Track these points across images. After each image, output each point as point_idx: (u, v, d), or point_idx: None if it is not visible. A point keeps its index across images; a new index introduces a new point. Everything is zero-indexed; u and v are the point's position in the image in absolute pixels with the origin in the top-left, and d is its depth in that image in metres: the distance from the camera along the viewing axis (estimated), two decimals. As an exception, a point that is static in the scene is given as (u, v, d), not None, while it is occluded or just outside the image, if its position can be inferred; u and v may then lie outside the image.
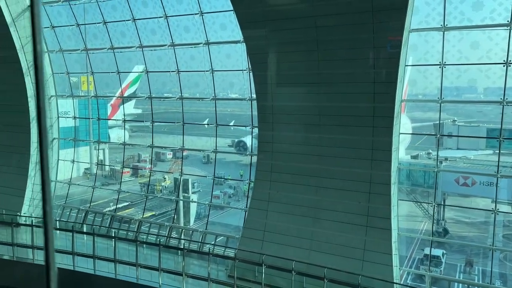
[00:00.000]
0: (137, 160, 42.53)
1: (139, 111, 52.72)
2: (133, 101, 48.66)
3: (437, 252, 21.89)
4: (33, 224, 15.64)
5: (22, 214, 18.75)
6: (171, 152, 45.65)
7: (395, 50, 11.80)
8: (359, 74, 12.54)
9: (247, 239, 14.45)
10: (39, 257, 15.03)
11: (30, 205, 19.53)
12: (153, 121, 17.91)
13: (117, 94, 40.04)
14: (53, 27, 18.93)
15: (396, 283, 12.14)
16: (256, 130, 18.29)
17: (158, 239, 14.55)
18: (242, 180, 18.74)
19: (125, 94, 34.48)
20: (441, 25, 12.20)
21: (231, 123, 36.24)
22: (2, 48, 18.78)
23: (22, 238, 16.51)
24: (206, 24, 15.49)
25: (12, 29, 18.14)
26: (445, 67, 12.56)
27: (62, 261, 14.68)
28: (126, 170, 33.43)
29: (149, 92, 18.01)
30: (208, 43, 15.89)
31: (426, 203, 26.79)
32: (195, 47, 16.01)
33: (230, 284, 12.90)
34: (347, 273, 11.74)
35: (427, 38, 12.74)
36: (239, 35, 15.15)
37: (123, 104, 25.69)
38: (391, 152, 12.49)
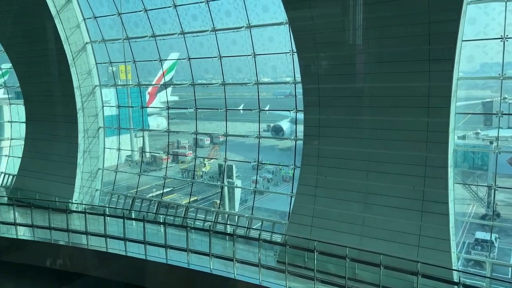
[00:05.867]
0: (176, 147, 43.20)
1: (176, 98, 53.33)
2: (169, 89, 49.21)
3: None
4: (86, 211, 16.11)
5: (73, 201, 19.44)
6: (209, 138, 46.08)
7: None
8: (412, 51, 11.88)
9: (295, 225, 14.29)
10: (92, 243, 15.54)
11: (80, 193, 20.21)
12: (196, 108, 17.93)
13: (154, 82, 40.67)
14: (95, 17, 19.16)
15: (457, 270, 11.65)
16: (292, 114, 17.94)
17: (209, 225, 14.65)
18: (287, 166, 18.53)
19: (161, 82, 34.80)
20: (503, -5, 11.32)
21: (267, 107, 36.05)
22: (48, 40, 19.23)
23: (75, 225, 17.11)
24: (248, 7, 15.15)
25: (56, 21, 18.51)
26: (507, 40, 11.69)
27: (114, 247, 15.14)
28: (165, 156, 33.94)
29: (184, 79, 17.96)
30: (249, 26, 15.57)
31: (485, 186, 25.64)
32: (236, 31, 15.74)
33: (280, 270, 12.82)
34: (403, 259, 11.35)
35: (487, 10, 11.90)
36: (282, 17, 14.75)
37: (165, 89, 25.89)
38: (448, 134, 11.88)
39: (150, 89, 46.73)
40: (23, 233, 16.87)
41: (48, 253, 15.92)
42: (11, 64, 22.38)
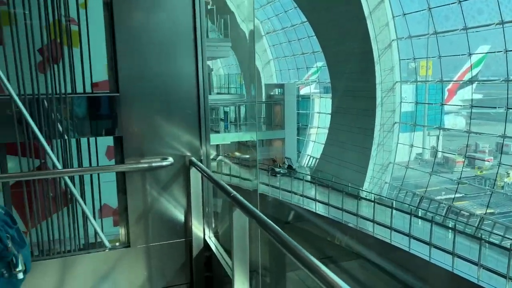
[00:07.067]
0: (474, 150, 38.83)
1: (480, 96, 47.66)
2: (473, 85, 44.60)
3: None
4: (375, 200, 16.99)
5: (363, 189, 20.87)
6: (517, 144, 39.10)
7: None
8: None
9: None
10: (377, 231, 16.28)
11: (370, 183, 21.46)
12: (507, 108, 15.58)
13: (456, 78, 37.78)
14: (404, 14, 19.52)
15: None
16: None
17: (510, 244, 12.65)
18: None
19: (464, 78, 31.91)
20: None
21: None
22: (358, 40, 21.10)
23: (363, 211, 18.35)
24: None
25: (368, 21, 20.00)
26: None
27: (397, 240, 15.36)
28: (460, 159, 31.19)
29: (494, 74, 15.79)
30: None
31: None
32: None
33: None
34: None
35: None
36: None
37: (471, 86, 23.83)
38: None
39: (450, 85, 43.75)
40: (319, 209, 19.50)
41: (338, 230, 17.81)
42: (324, 62, 25.89)
